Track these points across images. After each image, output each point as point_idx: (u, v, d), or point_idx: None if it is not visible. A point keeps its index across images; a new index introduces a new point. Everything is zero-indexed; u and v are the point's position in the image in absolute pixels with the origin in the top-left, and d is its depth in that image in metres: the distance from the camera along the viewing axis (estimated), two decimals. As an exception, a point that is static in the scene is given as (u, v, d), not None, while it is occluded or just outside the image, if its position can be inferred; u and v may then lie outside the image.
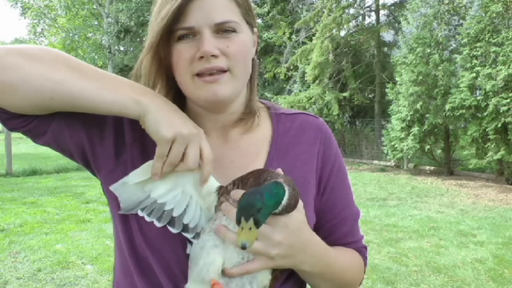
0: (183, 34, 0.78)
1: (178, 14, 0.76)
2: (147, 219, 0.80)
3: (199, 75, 0.79)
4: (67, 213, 6.38)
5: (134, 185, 0.79)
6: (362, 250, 0.96)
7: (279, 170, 0.79)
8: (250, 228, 0.66)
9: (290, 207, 0.72)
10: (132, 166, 0.82)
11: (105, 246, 4.82)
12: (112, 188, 0.79)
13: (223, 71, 0.79)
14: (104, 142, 0.84)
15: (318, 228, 0.92)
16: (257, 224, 0.66)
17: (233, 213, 0.74)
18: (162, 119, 0.75)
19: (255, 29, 0.87)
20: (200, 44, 0.76)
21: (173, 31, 0.77)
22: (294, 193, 0.72)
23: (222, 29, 0.77)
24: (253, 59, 0.86)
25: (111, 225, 0.92)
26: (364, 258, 0.97)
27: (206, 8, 0.76)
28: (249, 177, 0.76)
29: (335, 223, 0.93)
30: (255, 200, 0.66)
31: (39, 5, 20.25)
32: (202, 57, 0.77)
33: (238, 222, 0.67)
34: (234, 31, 0.78)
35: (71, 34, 19.63)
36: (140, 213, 0.80)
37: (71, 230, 5.49)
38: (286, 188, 0.70)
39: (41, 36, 20.99)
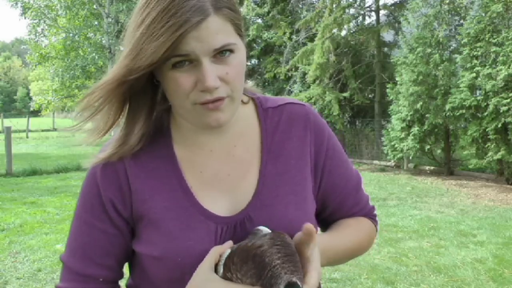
0: (178, 61, 0.74)
1: (175, 45, 0.71)
2: None
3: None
4: (67, 213, 6.37)
5: None
6: (369, 213, 0.99)
7: (265, 229, 0.76)
8: None
9: None
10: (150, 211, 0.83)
11: (105, 246, 4.82)
12: None
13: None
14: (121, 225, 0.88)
15: (323, 210, 0.93)
16: None
17: None
18: None
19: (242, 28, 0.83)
20: (200, 75, 0.73)
21: (167, 59, 0.73)
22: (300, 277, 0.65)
23: (220, 51, 0.74)
24: None
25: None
26: (373, 219, 0.99)
27: (203, 36, 0.71)
28: (248, 259, 0.67)
29: (339, 201, 0.94)
30: None
31: (39, 5, 20.22)
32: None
33: None
34: (231, 51, 0.75)
35: (71, 34, 19.59)
36: None
37: (71, 230, 5.49)
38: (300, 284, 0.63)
39: (42, 36, 20.94)
